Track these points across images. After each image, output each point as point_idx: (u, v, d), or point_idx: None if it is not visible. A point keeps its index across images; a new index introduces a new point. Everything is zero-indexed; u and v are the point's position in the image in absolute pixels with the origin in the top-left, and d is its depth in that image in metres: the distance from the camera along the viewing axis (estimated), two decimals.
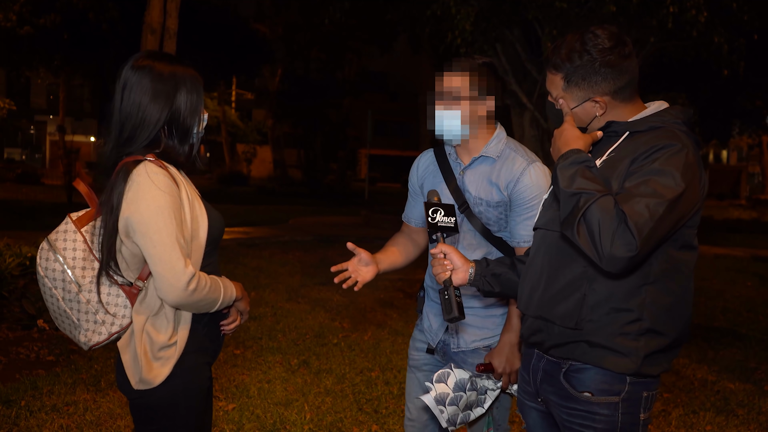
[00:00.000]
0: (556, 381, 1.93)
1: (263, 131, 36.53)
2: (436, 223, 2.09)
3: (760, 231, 18.47)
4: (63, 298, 2.07)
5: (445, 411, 2.28)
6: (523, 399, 2.12)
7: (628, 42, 1.91)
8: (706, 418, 4.35)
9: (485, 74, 2.39)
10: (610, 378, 1.84)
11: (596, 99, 1.92)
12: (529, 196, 2.39)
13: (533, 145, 10.26)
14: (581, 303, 1.85)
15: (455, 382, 2.32)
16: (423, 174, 2.64)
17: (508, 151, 2.46)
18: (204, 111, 2.16)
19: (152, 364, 2.03)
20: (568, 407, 1.91)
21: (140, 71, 2.05)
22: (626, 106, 1.95)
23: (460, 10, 8.85)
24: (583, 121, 1.99)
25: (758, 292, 9.11)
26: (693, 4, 8.09)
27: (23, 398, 4.14)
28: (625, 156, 1.83)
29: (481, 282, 2.11)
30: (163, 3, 9.26)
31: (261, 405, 4.27)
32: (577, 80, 1.91)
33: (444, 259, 2.08)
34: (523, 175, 2.39)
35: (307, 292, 7.90)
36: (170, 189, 1.99)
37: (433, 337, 2.59)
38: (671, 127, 1.86)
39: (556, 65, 1.94)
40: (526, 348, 2.08)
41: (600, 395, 1.85)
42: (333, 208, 20.92)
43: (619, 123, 1.92)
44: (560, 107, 2.00)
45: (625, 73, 1.89)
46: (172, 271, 1.93)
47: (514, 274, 2.12)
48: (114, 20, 17.03)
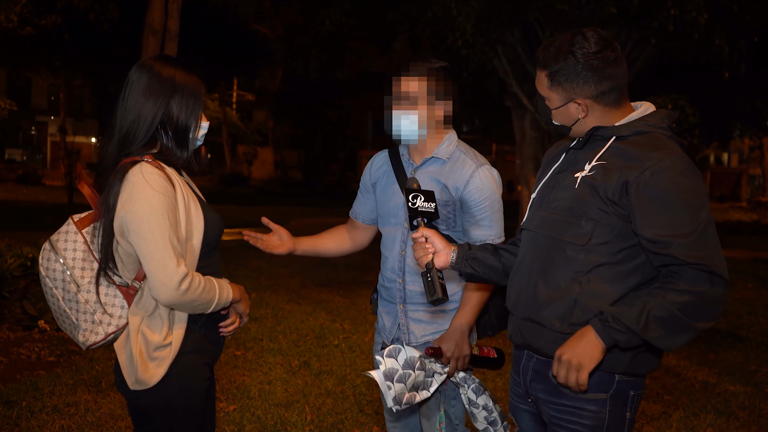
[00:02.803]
0: (545, 378, 1.94)
1: (264, 132, 36.56)
2: (416, 208, 2.11)
3: (761, 233, 18.46)
4: (63, 298, 2.10)
5: (392, 387, 2.25)
6: (515, 402, 2.13)
7: (616, 48, 1.91)
8: (706, 420, 4.35)
9: (442, 78, 2.44)
10: (598, 375, 1.85)
11: (578, 101, 1.93)
12: (479, 198, 2.45)
13: (534, 147, 10.28)
14: (572, 306, 1.86)
15: (405, 359, 2.29)
16: (376, 173, 2.70)
17: (459, 153, 2.52)
18: (204, 119, 2.17)
19: (148, 365, 2.04)
20: (556, 403, 1.92)
21: (141, 70, 2.10)
22: (611, 111, 1.94)
23: (460, 11, 8.86)
24: (567, 123, 1.99)
25: (759, 294, 9.10)
26: (694, 5, 8.10)
27: (24, 399, 4.14)
28: (616, 168, 1.84)
29: (463, 265, 2.11)
30: (164, 4, 9.27)
31: (262, 406, 4.27)
32: (560, 80, 1.92)
33: (425, 242, 2.09)
34: (472, 178, 2.46)
35: (308, 294, 7.90)
36: (165, 189, 2.00)
37: (387, 335, 2.64)
38: (656, 132, 1.88)
39: (543, 63, 1.95)
40: (516, 350, 2.09)
41: (588, 391, 1.86)
42: (333, 209, 20.89)
43: (604, 128, 1.93)
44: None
45: (608, 78, 1.89)
46: (164, 270, 1.95)
47: (496, 260, 2.12)
48: (115, 21, 17.04)
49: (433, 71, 2.43)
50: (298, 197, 26.11)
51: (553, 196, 1.98)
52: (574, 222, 1.88)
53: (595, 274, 1.85)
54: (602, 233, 1.85)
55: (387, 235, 2.64)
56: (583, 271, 1.86)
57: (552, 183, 2.03)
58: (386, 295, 2.65)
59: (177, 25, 9.41)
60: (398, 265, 2.57)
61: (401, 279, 2.56)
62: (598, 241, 1.85)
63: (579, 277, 1.86)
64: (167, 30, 9.31)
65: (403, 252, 2.56)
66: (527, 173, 10.45)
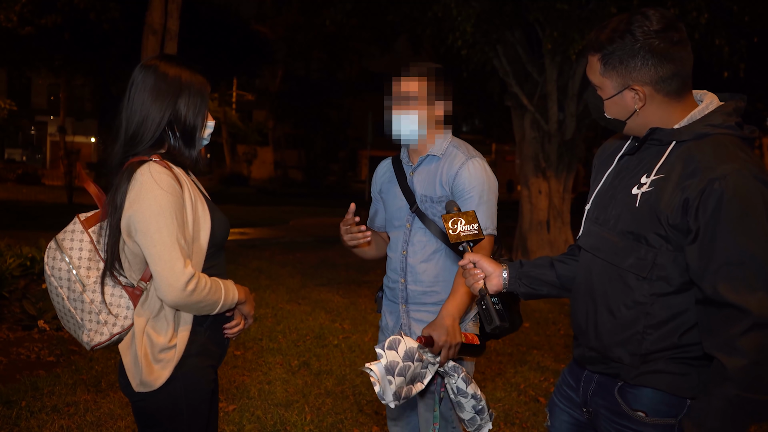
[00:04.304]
0: (610, 395, 1.80)
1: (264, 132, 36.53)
2: (458, 234, 2.04)
3: None
4: (68, 298, 2.08)
5: (393, 382, 2.18)
6: (561, 403, 2.00)
7: (681, 29, 1.68)
8: None
9: (441, 78, 2.49)
10: (668, 399, 1.72)
11: (635, 87, 1.70)
12: (467, 186, 2.45)
13: (534, 147, 10.27)
14: (640, 342, 1.72)
15: (405, 351, 2.23)
16: (380, 180, 2.76)
17: (452, 148, 2.55)
18: (210, 117, 2.17)
19: (153, 367, 2.03)
20: (620, 424, 1.78)
21: (146, 70, 2.08)
22: (672, 103, 1.72)
23: (461, 11, 8.85)
24: (622, 116, 1.77)
25: None
26: (694, 6, 8.09)
27: (24, 399, 4.13)
28: (673, 180, 1.64)
29: (517, 284, 1.97)
30: (164, 4, 9.27)
31: (261, 406, 4.26)
32: (615, 63, 1.70)
33: (474, 268, 1.99)
34: (461, 169, 2.47)
35: (308, 293, 7.90)
36: (173, 189, 1.99)
37: (390, 334, 2.60)
38: (720, 136, 1.66)
39: (596, 45, 1.73)
40: (578, 366, 1.95)
41: (655, 416, 1.73)
42: (333, 209, 20.90)
43: (662, 130, 1.71)
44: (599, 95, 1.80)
45: (671, 60, 1.66)
46: (170, 271, 1.93)
47: (552, 275, 1.97)
48: (115, 21, 17.05)
49: (432, 71, 2.47)
50: (298, 197, 26.11)
51: (611, 213, 1.79)
52: (634, 249, 1.71)
53: (660, 306, 1.69)
54: (665, 262, 1.67)
55: (393, 237, 2.67)
56: (648, 303, 1.70)
57: (607, 193, 1.83)
58: (390, 295, 2.67)
59: (177, 25, 9.42)
60: (400, 266, 2.58)
61: (403, 279, 2.58)
62: (660, 272, 1.68)
63: (645, 309, 1.71)
64: (167, 30, 9.31)
65: (404, 252, 2.57)
66: (527, 173, 10.44)
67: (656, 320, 1.70)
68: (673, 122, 1.73)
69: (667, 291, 1.68)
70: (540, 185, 10.31)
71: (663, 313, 1.69)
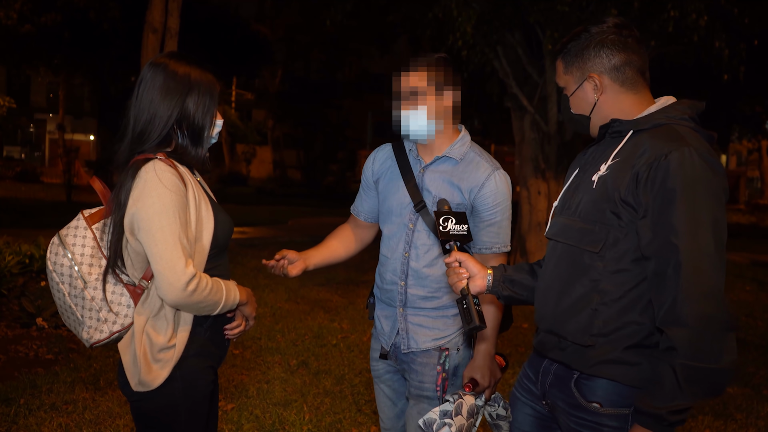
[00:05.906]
0: (566, 388, 1.86)
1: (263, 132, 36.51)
2: (448, 231, 2.04)
3: (759, 236, 18.48)
4: (69, 294, 2.08)
5: None
6: (521, 396, 2.05)
7: (635, 31, 1.83)
8: (704, 422, 4.35)
9: (442, 67, 2.36)
10: (621, 389, 1.77)
11: (592, 75, 1.84)
12: (493, 202, 2.38)
13: (533, 148, 10.27)
14: (592, 318, 1.78)
15: (468, 409, 2.23)
16: (379, 169, 2.58)
17: (473, 154, 2.43)
18: (219, 116, 2.15)
19: (151, 366, 2.02)
20: (577, 416, 1.83)
21: (156, 68, 2.07)
22: (629, 96, 1.84)
23: (461, 12, 8.85)
24: (586, 110, 1.89)
25: (757, 297, 9.11)
26: (694, 8, 8.09)
27: (22, 396, 4.13)
28: (627, 161, 1.74)
29: (500, 288, 2.03)
30: (164, 2, 9.26)
31: (260, 405, 4.26)
32: (572, 58, 1.87)
33: (459, 267, 2.01)
34: (488, 181, 2.37)
35: (306, 293, 7.90)
36: (177, 188, 1.98)
37: (386, 340, 2.52)
38: (676, 124, 1.76)
39: (559, 49, 1.90)
40: (538, 356, 2.01)
41: (609, 406, 1.78)
42: (332, 209, 20.88)
43: (622, 122, 1.81)
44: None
45: (622, 51, 1.81)
46: (172, 270, 1.93)
47: (532, 279, 2.03)
48: (115, 19, 17.03)
49: (433, 62, 2.36)
50: (296, 197, 26.07)
51: (573, 201, 1.88)
52: (590, 228, 1.79)
53: (612, 283, 1.76)
54: (618, 238, 1.74)
55: (389, 234, 2.50)
56: (601, 280, 1.77)
57: (572, 187, 1.93)
58: (385, 298, 2.52)
59: (177, 24, 9.40)
60: (401, 268, 2.44)
61: (403, 282, 2.44)
62: (612, 248, 1.75)
63: (598, 286, 1.77)
64: (167, 29, 9.30)
65: (407, 254, 2.44)
66: (526, 174, 10.44)
67: (608, 297, 1.76)
68: (633, 115, 1.84)
69: (618, 268, 1.75)
70: (539, 186, 10.31)
71: (615, 291, 1.76)
